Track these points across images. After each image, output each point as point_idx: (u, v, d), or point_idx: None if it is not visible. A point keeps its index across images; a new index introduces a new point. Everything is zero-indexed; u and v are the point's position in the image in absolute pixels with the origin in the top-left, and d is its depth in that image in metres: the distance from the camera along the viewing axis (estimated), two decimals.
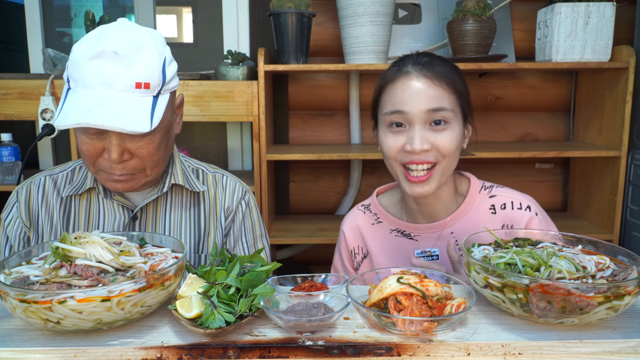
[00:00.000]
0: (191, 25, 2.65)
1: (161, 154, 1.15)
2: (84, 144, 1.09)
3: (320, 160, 2.55)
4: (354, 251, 1.33)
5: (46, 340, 0.79)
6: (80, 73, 1.04)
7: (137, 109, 1.04)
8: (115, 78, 1.03)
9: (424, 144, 1.10)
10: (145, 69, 1.05)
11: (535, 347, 0.78)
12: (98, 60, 1.03)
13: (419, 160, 1.12)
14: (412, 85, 1.12)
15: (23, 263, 0.91)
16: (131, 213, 1.22)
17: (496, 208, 1.22)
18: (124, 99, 1.03)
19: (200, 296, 0.83)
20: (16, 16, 2.84)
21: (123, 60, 1.03)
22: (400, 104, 1.12)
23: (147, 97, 1.06)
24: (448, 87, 1.12)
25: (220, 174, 1.33)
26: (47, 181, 1.26)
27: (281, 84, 2.49)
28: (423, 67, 1.12)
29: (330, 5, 2.35)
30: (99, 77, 1.03)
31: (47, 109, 2.05)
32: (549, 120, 2.57)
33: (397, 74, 1.14)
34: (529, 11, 2.43)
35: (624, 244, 2.26)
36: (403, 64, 1.15)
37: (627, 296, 0.78)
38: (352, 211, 1.37)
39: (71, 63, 1.06)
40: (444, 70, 1.13)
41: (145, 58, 1.05)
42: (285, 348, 0.78)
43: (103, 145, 1.09)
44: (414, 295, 0.82)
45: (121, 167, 1.10)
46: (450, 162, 1.14)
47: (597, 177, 2.33)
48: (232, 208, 1.30)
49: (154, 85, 1.06)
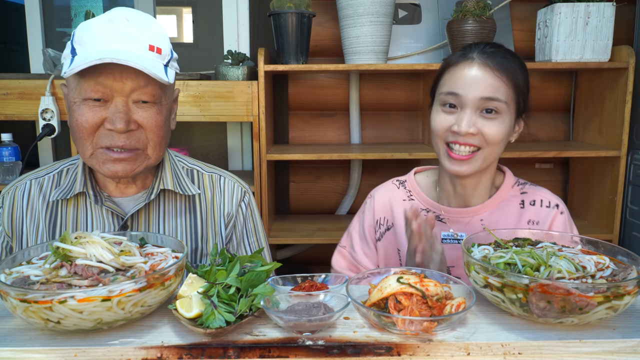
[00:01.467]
0: (191, 25, 2.65)
1: (164, 133, 1.12)
2: (83, 115, 1.04)
3: (320, 160, 2.55)
4: (379, 221, 1.35)
5: (46, 340, 0.79)
6: (92, 34, 1.03)
7: (153, 65, 1.04)
8: (129, 39, 1.04)
9: (470, 127, 1.14)
10: (156, 36, 1.07)
11: (535, 346, 0.78)
12: (111, 24, 1.04)
13: (462, 142, 1.16)
14: (472, 70, 1.16)
15: (24, 263, 0.91)
16: (121, 221, 1.16)
17: (525, 204, 1.26)
18: (139, 54, 1.04)
19: (201, 296, 0.83)
20: (16, 16, 2.84)
21: (135, 26, 1.05)
22: (457, 87, 1.16)
23: (159, 63, 1.07)
24: (507, 80, 1.15)
25: (217, 175, 1.27)
26: (33, 185, 1.19)
27: (281, 84, 2.49)
28: (488, 56, 1.16)
29: (330, 5, 2.35)
30: (113, 35, 1.03)
31: (47, 109, 2.05)
32: (549, 120, 2.57)
33: (460, 59, 1.19)
34: (528, 11, 2.43)
35: (624, 244, 2.26)
36: (469, 50, 1.20)
37: (626, 296, 0.78)
38: (386, 184, 1.39)
39: (80, 29, 1.06)
40: (506, 63, 1.16)
41: (154, 28, 1.08)
42: (285, 348, 0.78)
43: (105, 115, 1.04)
44: (414, 295, 0.82)
45: (125, 137, 1.06)
46: (494, 150, 1.18)
47: (597, 177, 2.33)
48: (232, 213, 1.25)
49: (165, 52, 1.08)
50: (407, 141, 2.54)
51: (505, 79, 1.15)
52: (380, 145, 2.42)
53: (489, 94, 1.14)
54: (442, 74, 1.23)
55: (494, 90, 1.14)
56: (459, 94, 1.16)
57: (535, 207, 1.25)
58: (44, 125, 2.06)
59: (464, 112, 1.16)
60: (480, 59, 1.16)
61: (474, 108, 1.15)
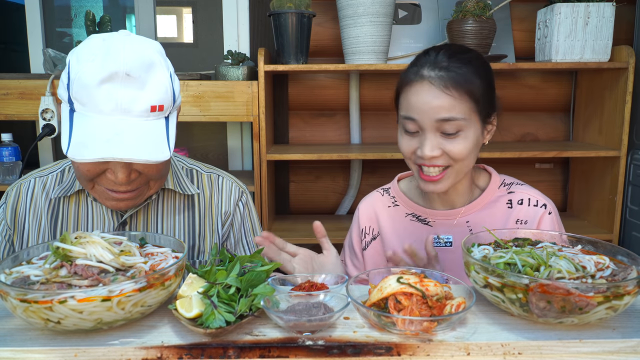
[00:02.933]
0: (191, 25, 2.65)
1: (166, 170, 1.13)
2: (83, 165, 1.03)
3: (320, 160, 2.55)
4: (364, 230, 1.35)
5: (46, 340, 0.79)
6: (91, 97, 0.97)
7: (155, 135, 1.01)
8: (131, 103, 0.98)
9: (433, 151, 1.11)
10: (158, 90, 1.01)
11: (535, 346, 0.78)
12: (110, 84, 0.97)
13: (429, 164, 1.13)
14: (423, 92, 1.10)
15: (24, 263, 0.91)
16: (120, 218, 1.18)
17: (513, 203, 1.24)
18: (140, 125, 1.00)
19: (201, 296, 0.83)
20: (16, 16, 2.85)
21: (136, 82, 0.98)
22: (412, 111, 1.12)
23: (160, 120, 1.03)
24: (461, 95, 1.09)
25: (216, 174, 1.29)
26: (37, 183, 1.23)
27: (281, 84, 2.49)
28: (439, 71, 1.10)
29: (330, 5, 2.35)
30: (113, 102, 0.97)
31: (47, 109, 2.05)
32: (549, 120, 2.57)
33: (413, 78, 1.13)
34: (528, 11, 2.43)
35: (624, 244, 2.26)
36: (421, 65, 1.13)
37: (626, 296, 0.78)
38: (371, 193, 1.39)
39: (77, 85, 0.98)
40: (461, 76, 1.10)
41: (156, 78, 1.01)
42: (285, 348, 0.78)
43: (106, 166, 1.04)
44: (414, 295, 0.82)
45: (126, 185, 1.06)
46: (465, 164, 1.15)
47: (597, 177, 2.33)
48: (229, 212, 1.27)
49: (167, 107, 1.04)
50: None
51: (459, 95, 1.09)
52: (380, 145, 2.42)
53: (445, 114, 1.09)
54: (399, 93, 1.18)
55: (449, 110, 1.09)
56: (415, 119, 1.12)
57: (523, 207, 1.22)
58: (44, 125, 2.06)
59: (424, 136, 1.12)
60: (430, 76, 1.10)
61: (433, 130, 1.11)
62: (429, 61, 1.13)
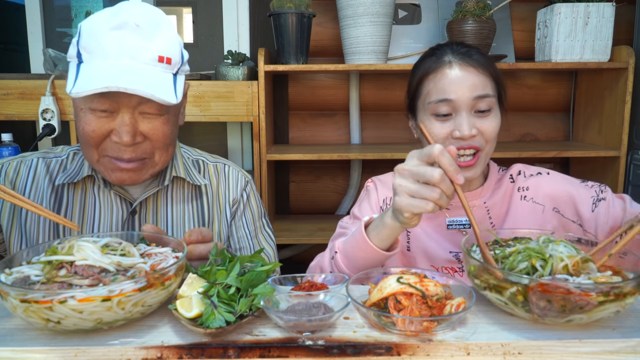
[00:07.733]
0: (191, 25, 2.65)
1: (173, 138, 1.12)
2: (89, 124, 1.03)
3: (320, 160, 2.55)
4: (385, 200, 1.32)
5: (47, 340, 0.79)
6: (99, 43, 0.99)
7: (162, 81, 1.02)
8: (138, 50, 1.00)
9: (472, 129, 1.14)
10: (167, 43, 1.04)
11: (534, 346, 0.78)
12: (120, 32, 1.00)
13: (467, 146, 1.15)
14: (456, 73, 1.15)
15: (24, 263, 0.91)
16: (130, 207, 1.17)
17: (514, 176, 1.30)
18: (147, 70, 1.01)
19: (201, 296, 0.83)
20: (16, 16, 2.85)
21: (145, 33, 1.01)
22: (447, 92, 1.14)
23: (168, 74, 1.05)
24: (488, 74, 1.16)
25: (222, 164, 1.33)
26: (40, 164, 1.18)
27: (281, 84, 2.49)
28: (464, 55, 1.16)
29: (330, 5, 2.35)
30: (121, 47, 0.99)
31: (47, 109, 2.05)
32: (549, 120, 2.57)
33: (438, 64, 1.17)
34: (528, 11, 2.43)
35: None
36: (441, 53, 1.18)
37: (627, 296, 0.78)
38: (385, 175, 1.38)
39: (86, 34, 1.01)
40: (482, 59, 1.17)
41: (165, 34, 1.04)
42: (285, 348, 0.78)
43: (112, 126, 1.04)
44: (414, 295, 0.82)
45: (131, 149, 1.06)
46: (492, 146, 1.20)
47: (597, 177, 2.33)
48: (237, 199, 1.30)
49: (175, 61, 1.05)
50: (407, 141, 2.54)
51: (487, 74, 1.16)
52: (380, 145, 2.42)
53: (480, 91, 1.14)
54: (421, 83, 1.20)
55: (483, 87, 1.14)
56: (451, 99, 1.14)
57: (521, 176, 1.29)
58: (44, 125, 2.06)
59: (460, 115, 1.14)
60: (457, 59, 1.16)
61: (468, 109, 1.14)
62: (449, 49, 1.18)
